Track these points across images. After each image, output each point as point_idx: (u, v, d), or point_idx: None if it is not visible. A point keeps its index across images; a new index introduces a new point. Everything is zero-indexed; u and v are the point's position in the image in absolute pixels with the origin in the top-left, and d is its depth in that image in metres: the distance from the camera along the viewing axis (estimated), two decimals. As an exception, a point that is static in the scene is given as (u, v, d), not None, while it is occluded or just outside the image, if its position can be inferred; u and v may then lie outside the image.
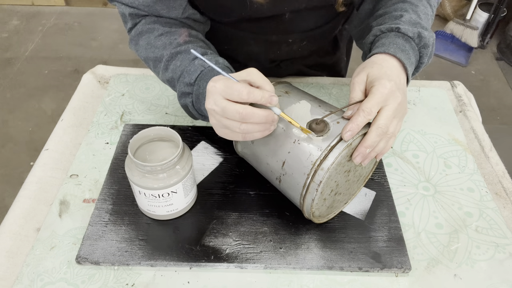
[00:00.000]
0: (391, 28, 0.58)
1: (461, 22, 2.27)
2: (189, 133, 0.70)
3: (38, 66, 2.12)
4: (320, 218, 0.57)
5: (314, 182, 0.50)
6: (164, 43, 0.61)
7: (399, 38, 0.57)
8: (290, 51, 0.78)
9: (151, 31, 0.63)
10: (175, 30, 0.62)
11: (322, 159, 0.49)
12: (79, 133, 0.71)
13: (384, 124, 0.49)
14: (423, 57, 0.59)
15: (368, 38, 0.62)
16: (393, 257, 0.55)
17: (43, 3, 2.54)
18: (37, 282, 0.52)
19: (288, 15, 0.69)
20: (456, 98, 0.82)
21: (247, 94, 0.47)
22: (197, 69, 0.57)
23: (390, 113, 0.50)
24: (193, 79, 0.57)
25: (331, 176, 0.50)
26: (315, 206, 0.52)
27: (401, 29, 0.57)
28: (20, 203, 0.60)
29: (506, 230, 0.60)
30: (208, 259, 0.54)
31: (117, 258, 0.54)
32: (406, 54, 0.56)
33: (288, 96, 0.57)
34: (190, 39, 0.62)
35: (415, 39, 0.58)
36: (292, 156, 0.52)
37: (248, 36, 0.75)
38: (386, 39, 0.57)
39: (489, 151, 0.72)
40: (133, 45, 0.66)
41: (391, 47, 0.56)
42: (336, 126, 0.51)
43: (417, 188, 0.65)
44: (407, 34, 0.57)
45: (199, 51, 0.59)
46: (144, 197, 0.54)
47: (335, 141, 0.49)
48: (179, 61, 0.59)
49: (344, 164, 0.51)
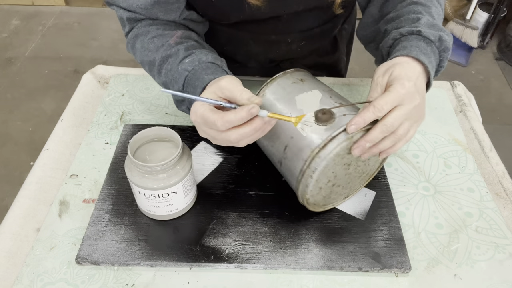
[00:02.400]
0: (412, 31, 0.57)
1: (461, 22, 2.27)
2: (189, 133, 0.70)
3: (38, 66, 2.12)
4: (315, 207, 0.58)
5: (309, 169, 0.51)
6: (157, 45, 0.61)
7: (421, 41, 0.56)
8: (289, 51, 0.78)
9: (145, 34, 0.62)
10: (168, 32, 0.62)
11: (321, 148, 0.50)
12: (79, 133, 0.71)
13: (390, 123, 0.48)
14: (443, 60, 0.58)
15: (387, 41, 0.60)
16: (393, 257, 0.55)
17: (43, 3, 2.54)
18: (37, 282, 0.52)
19: (286, 16, 0.69)
20: (456, 98, 0.82)
21: (222, 125, 0.47)
22: (181, 75, 0.56)
23: (402, 113, 0.49)
24: (180, 87, 0.57)
25: (328, 165, 0.51)
26: (309, 192, 0.53)
27: (422, 32, 0.56)
28: (20, 203, 0.60)
29: (506, 230, 0.60)
30: (208, 259, 0.54)
31: (117, 259, 0.54)
32: (428, 58, 0.55)
33: (302, 83, 0.58)
34: (181, 40, 0.61)
35: (436, 43, 0.56)
36: (294, 141, 0.53)
37: (247, 36, 0.75)
38: (407, 42, 0.56)
39: (489, 151, 0.72)
40: (130, 48, 0.66)
41: (414, 50, 0.54)
42: (342, 119, 0.51)
43: (417, 188, 0.65)
44: (428, 37, 0.56)
45: (184, 53, 0.58)
46: (144, 197, 0.54)
47: (337, 132, 0.50)
48: (169, 65, 0.59)
49: (344, 156, 0.51)
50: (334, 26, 0.79)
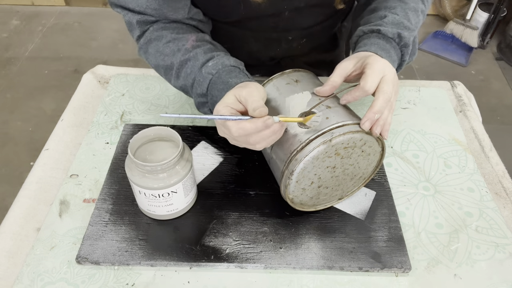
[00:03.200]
0: (372, 30, 0.61)
1: (461, 22, 2.27)
2: (189, 133, 0.70)
3: (38, 66, 2.12)
4: (303, 206, 0.58)
5: (288, 170, 0.52)
6: (173, 50, 0.62)
7: (380, 39, 0.60)
8: (290, 49, 0.78)
9: (159, 38, 0.63)
10: (182, 36, 0.63)
11: (298, 150, 0.51)
12: (79, 133, 0.71)
13: (388, 90, 0.51)
14: (405, 55, 0.62)
15: (352, 38, 0.65)
16: (393, 257, 0.55)
17: (43, 3, 2.54)
18: (37, 282, 0.52)
19: (288, 13, 0.69)
20: (456, 98, 0.82)
21: (236, 131, 0.50)
22: (206, 78, 0.58)
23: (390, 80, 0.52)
24: (204, 90, 0.59)
25: (307, 168, 0.51)
26: (291, 193, 0.55)
27: (381, 31, 0.60)
28: (20, 203, 0.60)
29: (506, 230, 0.60)
30: (208, 259, 0.54)
31: (117, 258, 0.54)
32: (387, 53, 0.59)
33: (296, 84, 0.59)
34: (197, 44, 0.62)
35: (395, 39, 0.60)
36: (278, 142, 0.54)
37: (248, 34, 0.75)
38: (368, 39, 0.61)
39: (489, 151, 0.72)
40: (142, 53, 0.67)
41: (372, 46, 0.59)
42: (325, 121, 0.52)
43: (417, 188, 0.65)
44: (387, 35, 0.60)
45: (205, 57, 0.60)
46: (144, 197, 0.54)
47: (314, 136, 0.50)
48: (189, 68, 0.60)
49: (325, 159, 0.52)
50: (334, 23, 0.80)
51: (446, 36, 2.33)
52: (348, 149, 0.52)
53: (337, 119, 0.51)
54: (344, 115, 0.53)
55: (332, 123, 0.51)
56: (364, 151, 0.54)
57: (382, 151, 0.56)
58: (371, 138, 0.53)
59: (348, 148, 0.52)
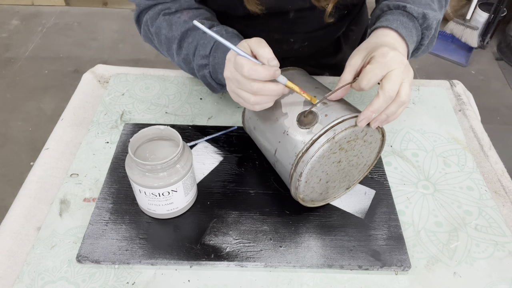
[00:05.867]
0: (397, 6, 0.60)
1: (461, 22, 2.27)
2: (189, 132, 0.71)
3: (38, 66, 2.12)
4: (314, 203, 0.59)
5: (296, 173, 0.52)
6: (170, 23, 0.64)
7: (404, 16, 0.58)
8: (290, 50, 0.79)
9: (156, 17, 0.65)
10: (175, 11, 0.65)
11: (304, 152, 0.51)
12: (79, 132, 0.72)
13: (389, 88, 0.49)
14: (424, 38, 0.60)
15: (375, 12, 0.63)
16: (393, 255, 0.55)
17: (43, 3, 2.54)
18: (37, 281, 0.52)
19: (293, 14, 0.70)
20: (455, 97, 0.82)
21: (248, 71, 0.48)
22: (210, 40, 0.60)
23: (396, 76, 0.49)
24: (208, 51, 0.60)
25: (314, 167, 0.52)
26: (302, 193, 0.55)
27: (407, 8, 0.59)
28: (21, 202, 0.61)
29: (505, 228, 0.60)
30: (208, 258, 0.54)
31: (118, 257, 0.54)
32: (408, 31, 0.57)
33: None
34: (194, 14, 0.64)
35: (419, 19, 0.59)
36: (281, 145, 0.55)
37: (251, 33, 0.75)
38: (391, 15, 0.59)
39: (488, 150, 0.72)
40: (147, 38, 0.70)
41: (394, 22, 0.57)
42: (324, 119, 0.52)
43: (416, 187, 0.65)
44: (412, 13, 0.58)
45: (206, 24, 0.61)
46: (145, 195, 0.54)
47: (318, 135, 0.51)
48: (190, 37, 0.62)
49: (330, 156, 0.52)
50: (338, 28, 0.79)
51: (446, 36, 2.33)
52: (351, 142, 0.53)
53: (336, 115, 0.51)
54: (342, 109, 0.53)
55: (332, 120, 0.51)
56: (366, 141, 0.55)
57: (383, 137, 0.57)
58: (371, 128, 0.53)
59: (351, 141, 0.52)
